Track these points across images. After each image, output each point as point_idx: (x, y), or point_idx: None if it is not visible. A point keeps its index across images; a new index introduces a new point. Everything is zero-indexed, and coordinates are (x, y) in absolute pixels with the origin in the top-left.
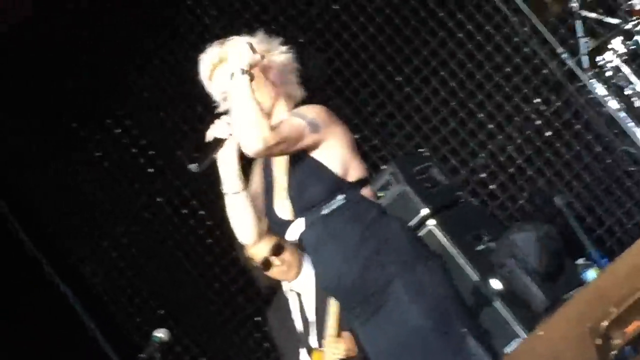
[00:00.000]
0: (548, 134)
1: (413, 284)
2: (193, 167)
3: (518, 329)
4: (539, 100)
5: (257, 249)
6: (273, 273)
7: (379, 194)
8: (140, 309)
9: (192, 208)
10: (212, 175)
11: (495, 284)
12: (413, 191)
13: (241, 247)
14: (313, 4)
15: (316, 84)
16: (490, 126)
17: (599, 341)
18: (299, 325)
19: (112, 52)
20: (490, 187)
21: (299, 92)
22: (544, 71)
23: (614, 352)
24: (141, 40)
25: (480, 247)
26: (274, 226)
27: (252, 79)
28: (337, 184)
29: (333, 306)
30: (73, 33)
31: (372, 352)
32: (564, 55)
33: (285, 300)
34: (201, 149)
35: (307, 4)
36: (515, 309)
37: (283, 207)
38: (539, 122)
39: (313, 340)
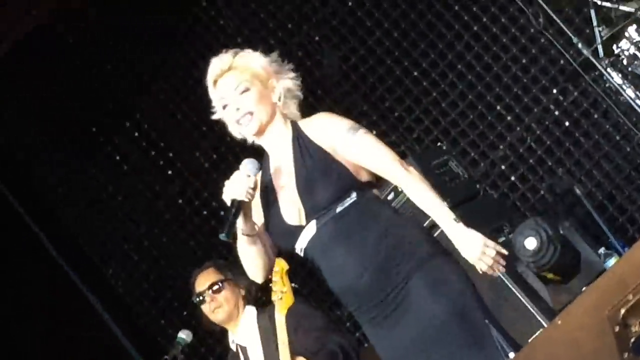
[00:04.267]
0: (567, 124)
1: (433, 280)
2: (222, 236)
3: (542, 319)
4: (556, 90)
5: (199, 280)
6: (204, 309)
7: (398, 189)
8: (164, 311)
9: (212, 209)
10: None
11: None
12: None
13: (193, 277)
14: (328, 1)
15: (332, 81)
16: (509, 118)
17: (617, 329)
18: None
19: (131, 56)
20: (510, 178)
21: (297, 115)
22: (561, 62)
23: (632, 339)
24: (159, 43)
25: (502, 239)
26: (283, 237)
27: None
28: (351, 182)
29: (280, 323)
30: (92, 36)
31: (389, 351)
32: (580, 45)
33: (235, 355)
34: (224, 212)
35: (321, 2)
36: (538, 299)
37: (292, 211)
38: (557, 112)
39: None
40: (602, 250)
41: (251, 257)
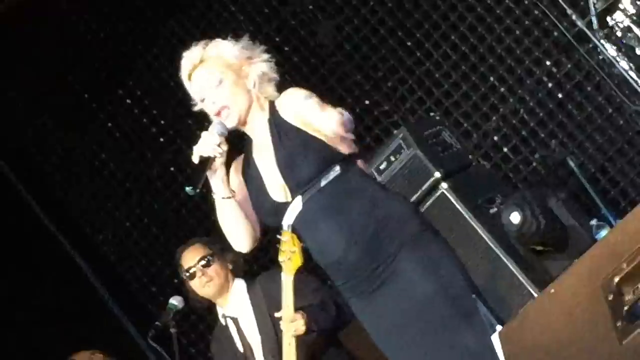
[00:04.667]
0: (560, 96)
1: (422, 257)
2: (189, 190)
3: (533, 290)
4: (549, 62)
5: (187, 256)
6: (194, 284)
7: (391, 158)
8: (155, 278)
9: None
10: None
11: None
12: (425, 155)
13: (178, 254)
14: None
15: (326, 51)
16: (502, 89)
17: (611, 297)
18: (241, 350)
19: (124, 24)
20: (503, 150)
21: (275, 95)
22: (555, 33)
23: (626, 308)
24: (152, 12)
25: (493, 210)
26: (270, 214)
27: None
28: (331, 154)
29: (287, 284)
30: (86, 6)
31: (375, 324)
32: (574, 17)
33: (224, 328)
34: (193, 169)
35: None
36: (530, 270)
37: (276, 188)
38: (550, 84)
39: None
40: (594, 221)
41: (233, 222)
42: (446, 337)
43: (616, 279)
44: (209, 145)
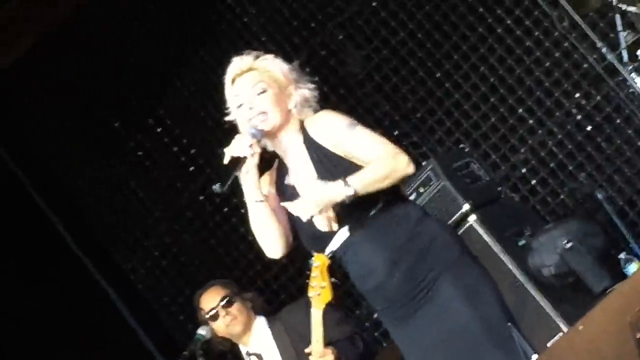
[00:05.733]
0: (589, 128)
1: (460, 281)
2: (216, 187)
3: (561, 324)
4: (579, 94)
5: (208, 298)
6: (218, 325)
7: (420, 190)
8: (183, 307)
9: (233, 206)
10: None
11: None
12: (453, 187)
13: (197, 299)
14: (352, 0)
15: (355, 81)
16: (531, 121)
17: (638, 335)
18: None
19: (154, 52)
20: (531, 182)
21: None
22: (584, 65)
23: None
24: (182, 40)
25: (522, 243)
26: (314, 242)
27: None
28: None
29: (317, 319)
30: (116, 33)
31: (412, 349)
32: (604, 50)
33: None
34: (222, 168)
35: (346, 1)
36: (558, 304)
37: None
38: (579, 116)
39: None
40: (622, 255)
41: (266, 226)
42: None
43: None
44: (240, 145)
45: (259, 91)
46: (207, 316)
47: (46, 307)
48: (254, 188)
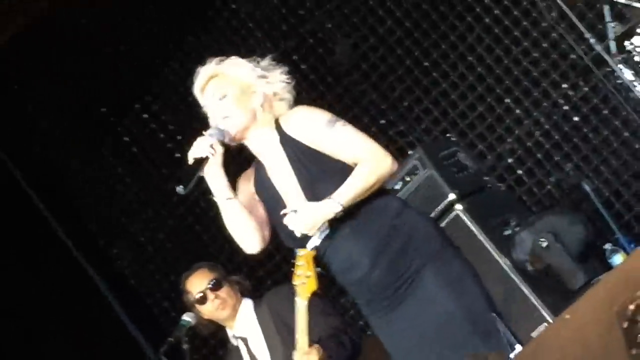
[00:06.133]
0: (576, 119)
1: (443, 273)
2: (180, 189)
3: (546, 314)
4: (566, 85)
5: (195, 281)
6: (206, 308)
7: (407, 179)
8: (168, 293)
9: None
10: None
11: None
12: (440, 176)
13: (183, 281)
14: None
15: (343, 70)
16: (518, 111)
17: (626, 324)
18: None
19: (141, 38)
20: (518, 172)
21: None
22: (572, 56)
23: None
24: (170, 26)
25: (507, 232)
26: (295, 240)
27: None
28: None
29: (301, 310)
30: (104, 19)
31: (395, 341)
32: (592, 41)
33: (235, 349)
34: (186, 170)
35: None
36: (543, 294)
37: None
38: (566, 107)
39: None
40: (608, 246)
41: (239, 222)
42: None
43: (631, 307)
44: (201, 146)
45: (219, 97)
46: (195, 299)
47: (28, 291)
48: (222, 186)
